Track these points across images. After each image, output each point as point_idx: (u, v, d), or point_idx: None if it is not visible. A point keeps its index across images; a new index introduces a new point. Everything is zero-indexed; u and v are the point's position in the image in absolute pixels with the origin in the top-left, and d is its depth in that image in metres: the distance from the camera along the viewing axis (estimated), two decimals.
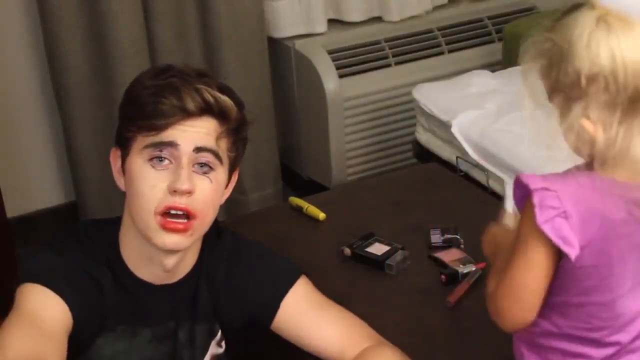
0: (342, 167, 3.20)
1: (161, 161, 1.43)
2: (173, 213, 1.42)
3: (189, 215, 1.42)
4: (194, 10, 2.93)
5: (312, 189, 3.02)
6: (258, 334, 1.62)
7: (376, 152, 3.24)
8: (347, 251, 1.92)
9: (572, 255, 1.21)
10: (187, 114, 1.42)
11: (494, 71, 2.99)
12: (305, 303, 1.58)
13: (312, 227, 2.08)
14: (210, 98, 1.43)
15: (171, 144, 1.42)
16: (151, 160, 1.43)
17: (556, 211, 1.20)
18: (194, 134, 1.42)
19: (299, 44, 3.16)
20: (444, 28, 3.33)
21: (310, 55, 3.11)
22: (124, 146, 1.47)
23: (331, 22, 3.24)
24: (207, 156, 1.44)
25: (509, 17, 3.36)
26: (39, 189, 3.12)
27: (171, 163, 1.43)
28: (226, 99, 1.45)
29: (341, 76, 3.11)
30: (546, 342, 1.32)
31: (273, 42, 3.16)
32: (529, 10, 3.43)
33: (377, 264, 1.88)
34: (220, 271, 1.57)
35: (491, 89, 2.78)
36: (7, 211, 2.52)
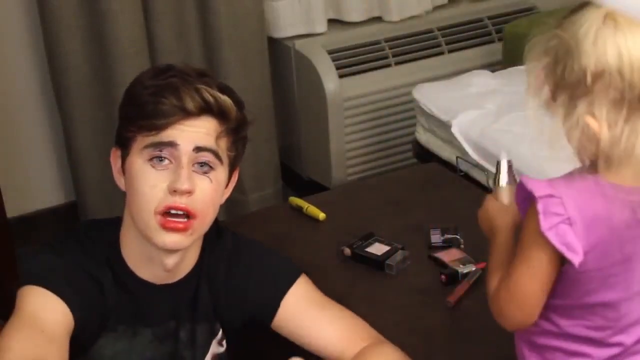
0: (342, 167, 3.20)
1: (161, 161, 1.43)
2: (173, 213, 1.42)
3: (189, 215, 1.42)
4: (194, 10, 2.93)
5: (312, 189, 3.02)
6: (259, 333, 1.62)
7: (376, 152, 3.24)
8: (347, 251, 1.92)
9: (576, 262, 1.21)
10: (187, 114, 1.42)
11: (494, 71, 2.99)
12: (305, 302, 1.58)
13: (312, 227, 2.08)
14: (209, 98, 1.43)
15: (171, 143, 1.42)
16: (151, 160, 1.43)
17: (560, 218, 1.20)
18: (193, 134, 1.42)
19: (299, 44, 3.16)
20: (444, 28, 3.32)
21: (310, 55, 3.10)
22: (124, 146, 1.47)
23: (331, 22, 3.23)
24: (207, 156, 1.44)
25: (509, 17, 3.36)
26: (39, 189, 3.11)
27: (171, 163, 1.42)
28: (226, 98, 1.45)
29: (341, 76, 3.11)
30: (547, 342, 1.32)
31: (273, 42, 3.16)
32: (529, 10, 3.42)
33: (377, 264, 1.88)
34: (220, 271, 1.57)
35: (491, 89, 2.78)
36: (7, 211, 2.52)
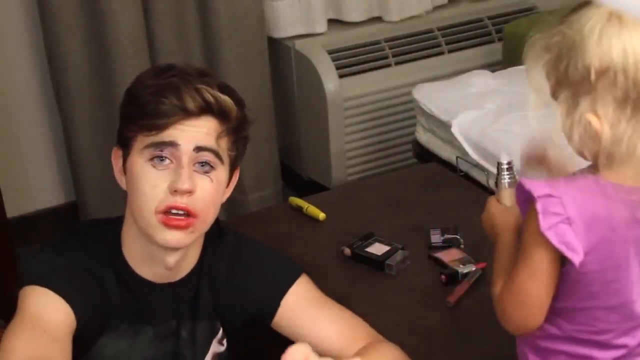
0: (342, 167, 3.20)
1: (162, 161, 1.43)
2: (174, 212, 1.42)
3: (189, 214, 1.43)
4: (194, 10, 2.93)
5: (312, 189, 3.02)
6: (259, 332, 1.62)
7: (376, 152, 3.24)
8: (347, 251, 1.92)
9: (576, 261, 1.20)
10: (187, 114, 1.42)
11: (494, 71, 2.99)
12: (305, 301, 1.58)
13: (312, 227, 2.08)
14: (210, 97, 1.43)
15: (172, 143, 1.42)
16: (152, 159, 1.43)
17: (559, 217, 1.19)
18: (194, 134, 1.42)
19: (299, 44, 3.16)
20: (444, 28, 3.32)
21: (310, 55, 3.10)
22: (125, 146, 1.47)
23: (331, 22, 3.23)
24: (207, 155, 1.44)
25: (509, 17, 3.36)
26: (39, 189, 3.11)
27: (172, 163, 1.43)
28: (226, 98, 1.45)
29: (341, 76, 3.11)
30: (551, 345, 1.31)
31: (273, 42, 3.16)
32: (529, 10, 3.42)
33: (377, 264, 1.88)
34: (221, 270, 1.57)
35: (491, 89, 2.78)
36: (7, 211, 2.53)
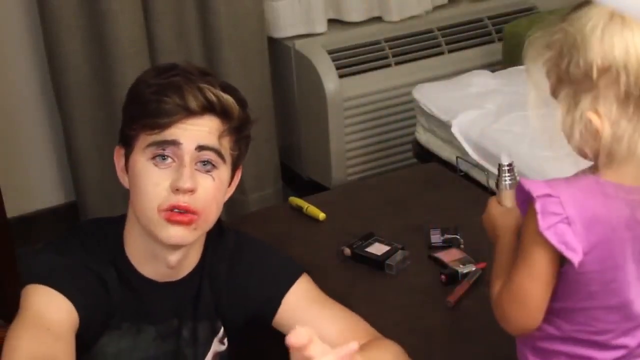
0: (342, 167, 3.20)
1: (164, 159, 1.43)
2: (176, 211, 1.42)
3: (191, 212, 1.43)
4: (194, 10, 2.93)
5: (312, 189, 3.02)
6: (260, 331, 1.62)
7: (376, 152, 3.24)
8: (347, 251, 1.92)
9: (575, 260, 1.20)
10: (190, 113, 1.42)
11: (494, 71, 2.99)
12: (306, 300, 1.58)
13: (312, 227, 2.08)
14: (212, 97, 1.43)
15: (174, 142, 1.42)
16: (154, 158, 1.43)
17: (558, 217, 1.19)
18: (196, 133, 1.43)
19: (299, 44, 3.16)
20: (444, 28, 3.32)
21: (310, 55, 3.10)
22: (127, 145, 1.48)
23: (331, 22, 3.23)
24: (209, 154, 1.44)
25: (509, 17, 3.36)
26: (39, 189, 3.11)
27: (174, 161, 1.43)
28: (228, 97, 1.46)
29: (341, 76, 3.10)
30: (550, 346, 1.31)
31: (273, 42, 3.16)
32: (529, 10, 3.42)
33: (377, 264, 1.88)
34: (222, 269, 1.58)
35: (491, 89, 2.78)
36: (7, 211, 2.52)
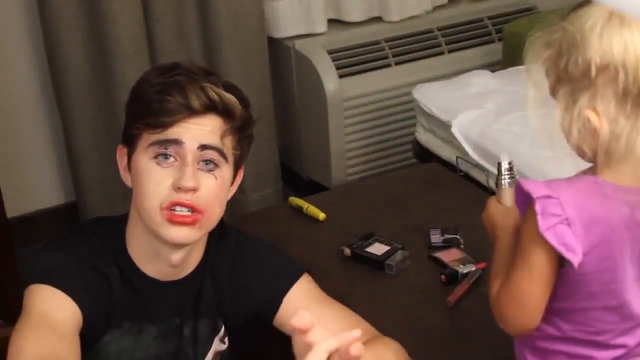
0: (342, 167, 3.20)
1: (166, 158, 1.43)
2: (179, 210, 1.42)
3: (194, 210, 1.43)
4: (194, 10, 2.93)
5: (312, 189, 3.03)
6: (261, 331, 1.62)
7: (376, 152, 3.24)
8: (347, 251, 1.92)
9: (575, 261, 1.20)
10: (192, 112, 1.42)
11: (494, 71, 2.99)
12: (307, 300, 1.58)
13: (312, 227, 2.08)
14: (215, 96, 1.43)
15: (176, 141, 1.42)
16: (156, 157, 1.43)
17: (558, 218, 1.19)
18: (198, 132, 1.43)
19: (299, 44, 3.16)
20: (444, 28, 3.33)
21: (310, 55, 3.11)
22: (130, 143, 1.48)
23: (331, 22, 3.23)
24: (211, 154, 1.44)
25: (509, 17, 3.36)
26: (39, 189, 3.12)
27: (176, 160, 1.43)
28: (231, 97, 1.46)
29: (341, 76, 3.11)
30: (550, 346, 1.31)
31: (273, 42, 3.16)
32: (529, 10, 3.43)
33: (377, 264, 1.88)
34: (223, 269, 1.57)
35: (491, 89, 2.79)
36: (7, 211, 2.53)
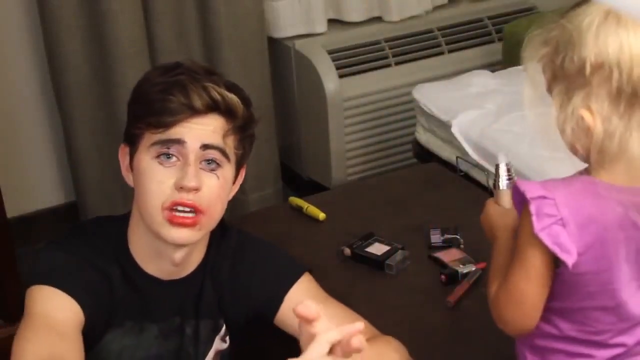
0: (342, 167, 3.20)
1: (168, 158, 1.43)
2: (180, 209, 1.42)
3: (196, 211, 1.43)
4: (194, 10, 2.93)
5: (312, 189, 3.03)
6: (262, 330, 1.62)
7: (376, 152, 3.24)
8: (347, 251, 1.92)
9: (569, 262, 1.21)
10: (194, 112, 1.42)
11: (494, 71, 2.99)
12: (307, 298, 1.58)
13: (312, 227, 2.08)
14: (217, 96, 1.43)
15: (178, 141, 1.42)
16: (159, 157, 1.43)
17: (553, 219, 1.20)
18: (200, 131, 1.43)
19: (299, 44, 3.16)
20: (444, 28, 3.33)
21: (310, 55, 3.11)
22: (132, 143, 1.48)
23: (331, 22, 3.24)
24: (213, 153, 1.44)
25: (509, 17, 3.36)
26: (39, 189, 3.12)
27: (178, 160, 1.43)
28: (233, 96, 1.46)
29: (341, 76, 3.11)
30: (549, 345, 1.31)
31: (273, 42, 3.16)
32: (529, 10, 3.43)
33: (377, 264, 1.88)
34: (224, 268, 1.58)
35: (491, 89, 2.79)
36: (7, 211, 2.53)
